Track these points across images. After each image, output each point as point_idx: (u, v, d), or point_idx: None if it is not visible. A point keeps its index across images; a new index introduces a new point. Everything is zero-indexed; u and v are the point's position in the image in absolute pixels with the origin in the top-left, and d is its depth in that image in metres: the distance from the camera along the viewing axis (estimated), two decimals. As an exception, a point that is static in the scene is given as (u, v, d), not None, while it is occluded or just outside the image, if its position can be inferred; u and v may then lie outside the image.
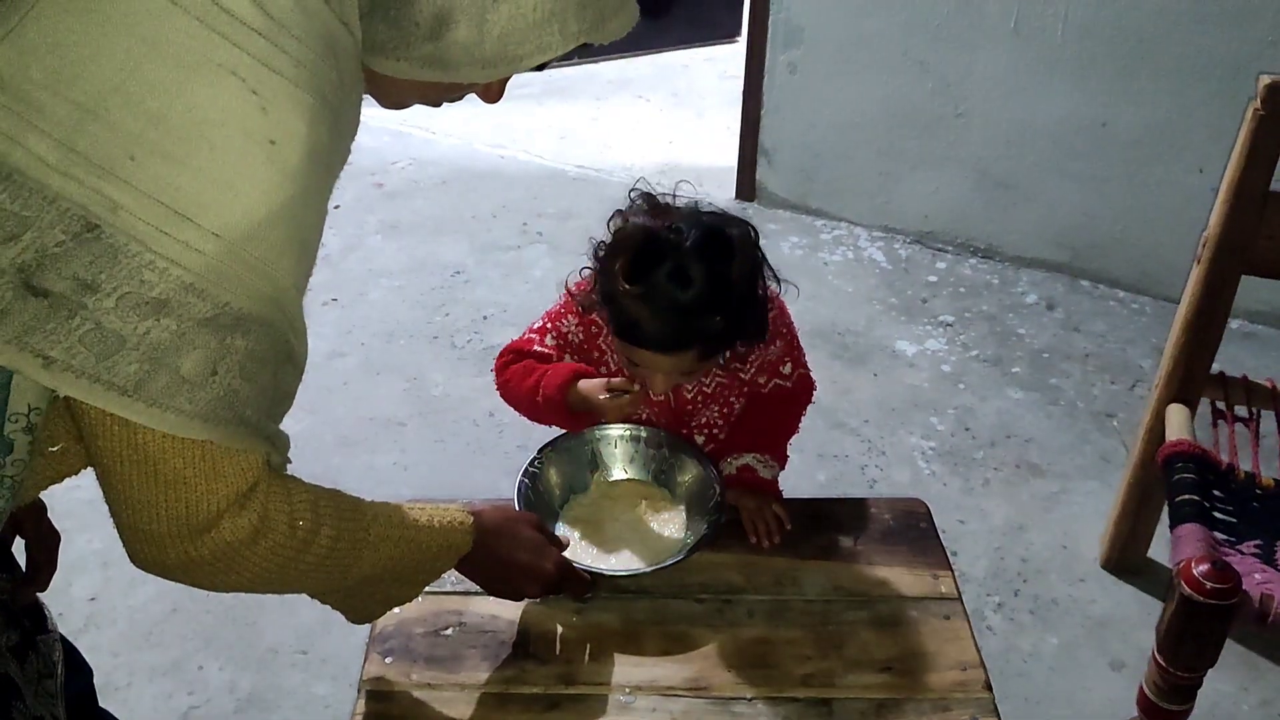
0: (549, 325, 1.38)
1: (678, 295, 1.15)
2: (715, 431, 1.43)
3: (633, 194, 1.25)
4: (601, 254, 1.23)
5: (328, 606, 1.03)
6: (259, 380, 0.75)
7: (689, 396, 1.39)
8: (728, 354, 1.32)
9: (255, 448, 0.79)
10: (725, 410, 1.42)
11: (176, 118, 0.66)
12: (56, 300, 0.66)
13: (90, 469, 0.80)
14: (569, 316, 1.37)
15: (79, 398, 0.68)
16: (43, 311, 0.66)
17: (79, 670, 1.13)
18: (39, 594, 1.04)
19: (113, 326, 0.67)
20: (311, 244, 0.77)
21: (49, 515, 1.06)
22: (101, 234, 0.65)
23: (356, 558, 0.93)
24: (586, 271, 1.30)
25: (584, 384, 1.29)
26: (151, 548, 0.79)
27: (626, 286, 1.17)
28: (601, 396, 1.26)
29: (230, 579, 0.84)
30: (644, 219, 1.20)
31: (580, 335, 1.38)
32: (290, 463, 0.87)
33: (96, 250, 0.65)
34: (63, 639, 1.05)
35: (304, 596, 2.11)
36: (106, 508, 0.79)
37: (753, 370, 1.39)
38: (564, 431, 1.36)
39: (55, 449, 0.90)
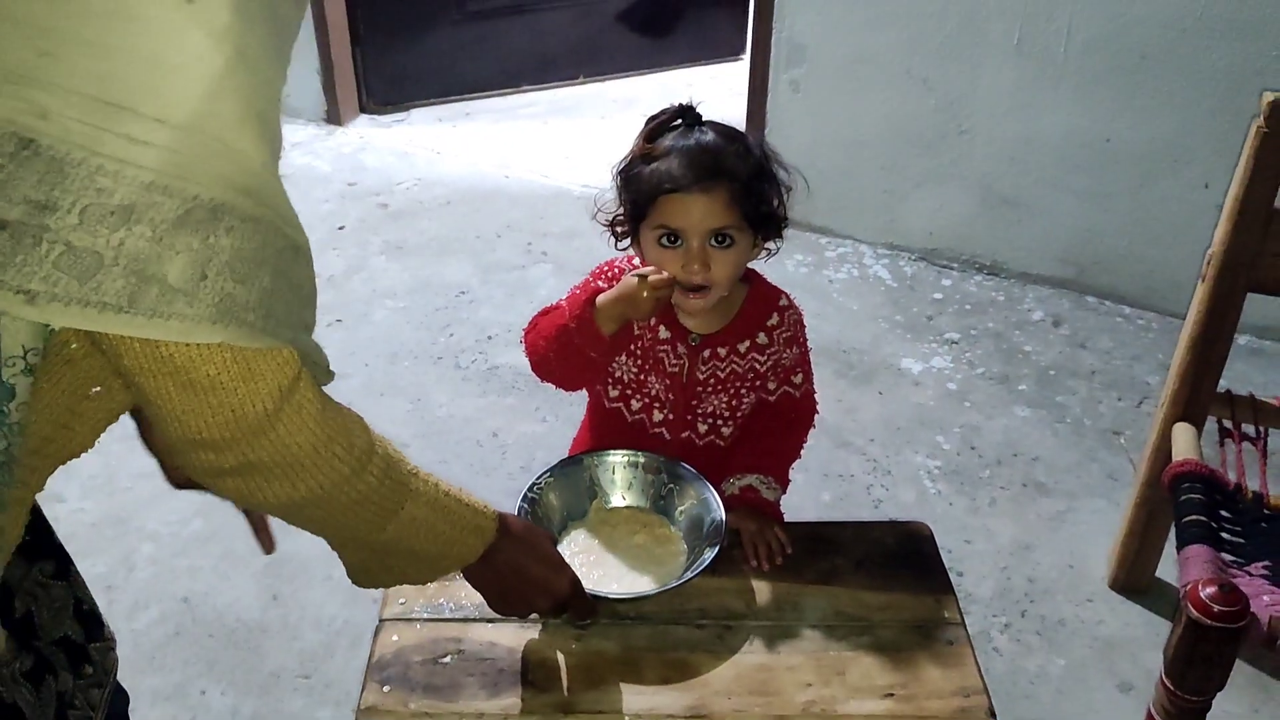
0: (577, 291, 1.38)
1: (699, 137, 1.27)
2: (719, 423, 1.43)
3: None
4: (623, 165, 1.33)
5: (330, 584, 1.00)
6: (256, 283, 0.71)
7: (701, 377, 1.38)
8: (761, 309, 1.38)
9: (279, 344, 0.76)
10: (733, 403, 1.41)
11: None
12: (17, 229, 0.61)
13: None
14: (599, 281, 1.38)
15: (74, 325, 0.65)
16: (6, 245, 0.61)
17: (118, 694, 1.10)
18: (96, 600, 1.02)
19: (84, 244, 0.62)
20: (269, 116, 0.70)
21: (56, 536, 1.02)
22: (39, 147, 0.61)
23: (398, 505, 0.92)
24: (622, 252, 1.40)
25: (608, 293, 1.27)
26: (209, 453, 0.78)
27: (649, 146, 1.28)
28: (633, 279, 1.24)
29: (283, 489, 0.83)
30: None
31: None
32: (334, 376, 0.86)
33: (39, 167, 0.61)
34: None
35: (306, 620, 2.08)
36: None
37: (769, 364, 1.39)
38: (563, 458, 1.36)
39: (97, 389, 0.86)
